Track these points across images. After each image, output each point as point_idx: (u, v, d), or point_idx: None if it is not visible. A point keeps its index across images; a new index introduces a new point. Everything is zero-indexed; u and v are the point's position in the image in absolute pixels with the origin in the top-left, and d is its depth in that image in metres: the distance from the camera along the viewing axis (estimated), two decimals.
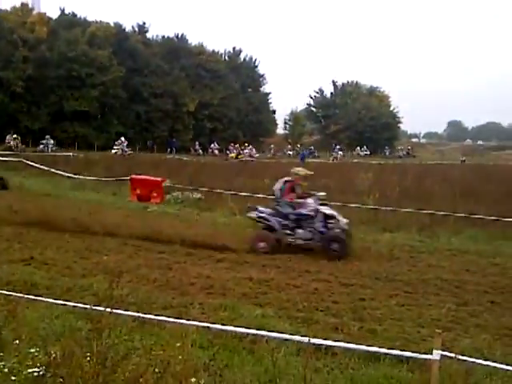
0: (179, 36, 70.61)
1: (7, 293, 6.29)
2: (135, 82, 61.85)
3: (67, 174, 22.63)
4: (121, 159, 36.75)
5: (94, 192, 20.19)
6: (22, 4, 60.94)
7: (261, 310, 7.35)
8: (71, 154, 34.58)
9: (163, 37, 70.21)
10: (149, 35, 68.43)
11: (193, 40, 73.48)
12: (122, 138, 49.04)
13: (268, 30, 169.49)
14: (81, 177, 22.16)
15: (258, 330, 5.86)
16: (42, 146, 44.81)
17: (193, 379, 3.91)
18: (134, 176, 19.46)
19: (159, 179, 19.04)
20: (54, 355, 4.15)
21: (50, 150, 43.96)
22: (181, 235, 11.60)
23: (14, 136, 44.21)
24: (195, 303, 7.43)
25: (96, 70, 57.50)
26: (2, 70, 53.62)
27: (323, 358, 5.70)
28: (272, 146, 67.83)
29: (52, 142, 46.30)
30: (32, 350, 4.11)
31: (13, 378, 3.13)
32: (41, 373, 3.44)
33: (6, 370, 3.22)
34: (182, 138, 64.46)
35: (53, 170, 23.04)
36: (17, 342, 4.59)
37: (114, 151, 46.12)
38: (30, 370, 3.48)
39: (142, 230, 12.01)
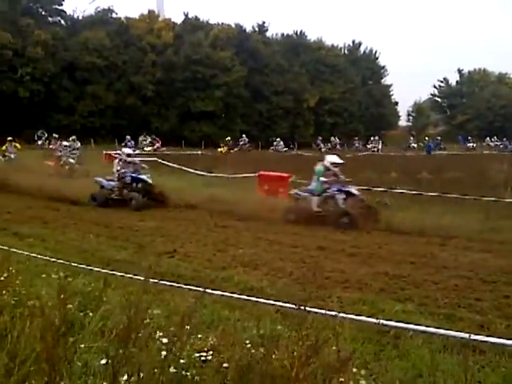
0: (298, 33, 70.98)
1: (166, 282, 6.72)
2: (256, 80, 63.05)
3: (198, 172, 23.62)
4: (245, 157, 37.61)
5: (223, 188, 20.85)
6: (149, 11, 64.47)
7: (401, 305, 7.24)
8: (199, 152, 35.97)
9: (282, 34, 71.01)
10: (268, 34, 69.46)
11: (312, 36, 73.32)
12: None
13: (388, 20, 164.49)
14: (211, 174, 23.01)
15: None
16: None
17: None
18: (261, 172, 19.90)
19: (286, 175, 19.32)
20: (211, 341, 4.42)
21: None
22: None
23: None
24: (333, 297, 7.47)
25: (219, 71, 59.44)
26: (133, 75, 57.21)
27: (471, 355, 5.52)
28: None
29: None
30: (192, 337, 4.37)
31: (182, 361, 3.36)
32: (208, 357, 3.67)
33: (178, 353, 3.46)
34: (303, 133, 64.84)
35: (184, 168, 24.13)
36: (171, 328, 4.93)
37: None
38: (196, 354, 3.72)
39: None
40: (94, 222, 13.55)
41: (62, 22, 60.88)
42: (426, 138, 64.66)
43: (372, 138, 58.20)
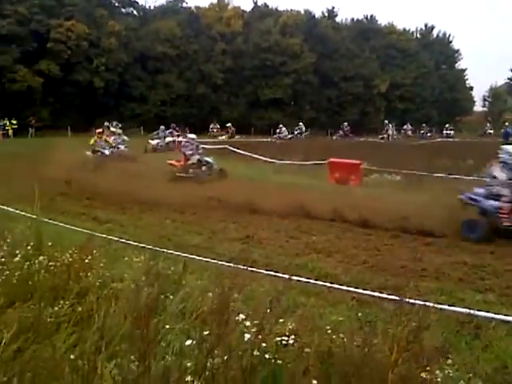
0: (368, 17, 69.73)
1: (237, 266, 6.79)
2: (326, 67, 62.41)
3: (267, 159, 23.71)
4: (315, 144, 37.27)
5: (293, 176, 20.84)
6: (218, 0, 64.86)
7: (481, 295, 7.01)
8: (269, 139, 36.04)
9: (352, 19, 69.92)
10: (338, 19, 68.53)
11: (382, 20, 72.14)
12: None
13: (461, 2, 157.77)
14: (280, 161, 23.03)
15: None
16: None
17: None
18: (332, 159, 19.74)
19: (357, 162, 19.08)
20: (290, 326, 4.42)
21: None
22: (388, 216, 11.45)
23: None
24: (410, 285, 7.31)
25: (288, 58, 59.29)
26: (203, 64, 57.95)
27: None
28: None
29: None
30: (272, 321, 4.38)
31: (264, 344, 3.38)
32: (289, 341, 3.67)
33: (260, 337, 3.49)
34: (373, 120, 63.77)
35: (254, 156, 24.26)
36: (250, 312, 4.97)
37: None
38: (278, 338, 3.72)
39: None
40: (169, 207, 13.83)
41: (135, 12, 62.39)
42: (506, 124, 61.70)
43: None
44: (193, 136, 20.94)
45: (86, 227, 9.51)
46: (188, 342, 3.20)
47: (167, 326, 3.83)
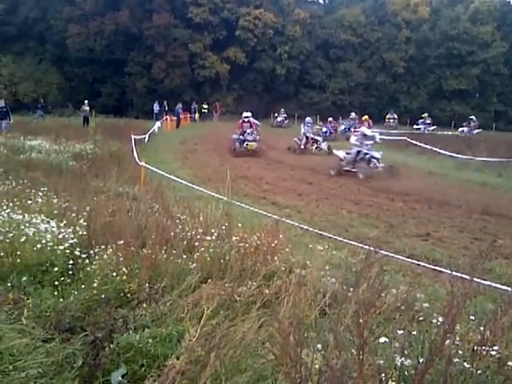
0: None
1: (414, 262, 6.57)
2: None
3: (448, 153, 22.52)
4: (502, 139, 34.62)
5: (477, 172, 19.62)
6: None
7: None
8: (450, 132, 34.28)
9: None
10: None
11: None
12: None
13: None
14: (463, 156, 21.78)
15: None
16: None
17: None
18: None
19: None
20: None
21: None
22: None
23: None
24: None
25: (477, 47, 55.75)
26: (385, 52, 56.71)
27: None
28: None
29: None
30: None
31: (460, 351, 3.20)
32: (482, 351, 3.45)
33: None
34: None
35: (435, 149, 23.21)
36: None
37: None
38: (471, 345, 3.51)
39: None
40: (344, 197, 13.82)
41: (320, 0, 62.99)
42: None
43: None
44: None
45: (268, 211, 9.82)
46: (382, 340, 3.14)
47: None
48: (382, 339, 3.15)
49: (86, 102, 34.76)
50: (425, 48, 56.84)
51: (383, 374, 2.70)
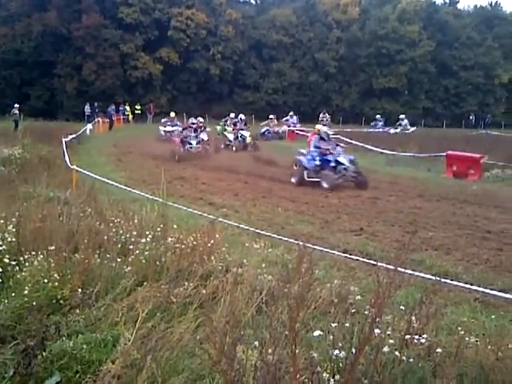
0: (493, 4, 66.20)
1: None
2: (444, 55, 60.18)
3: (380, 150, 23.18)
4: (431, 135, 35.82)
5: (407, 168, 20.28)
6: None
7: None
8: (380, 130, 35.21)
9: (475, 6, 67.40)
10: (459, 6, 65.96)
11: (508, 7, 68.04)
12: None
13: None
14: (394, 152, 22.46)
15: None
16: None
17: None
18: (450, 152, 18.92)
19: (478, 156, 18.16)
20: (414, 325, 4.31)
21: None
22: None
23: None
24: None
25: (405, 46, 57.76)
26: (317, 52, 57.74)
27: None
28: None
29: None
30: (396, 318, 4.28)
31: (391, 341, 3.31)
32: (413, 340, 3.58)
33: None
34: (494, 111, 60.62)
35: (367, 146, 23.82)
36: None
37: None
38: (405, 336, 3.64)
39: None
40: (281, 196, 13.95)
41: (252, 0, 63.39)
42: None
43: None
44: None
45: (204, 211, 9.80)
46: (316, 333, 3.20)
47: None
48: (317, 333, 3.21)
49: (16, 105, 33.68)
50: (355, 47, 58.27)
51: (318, 367, 2.76)
